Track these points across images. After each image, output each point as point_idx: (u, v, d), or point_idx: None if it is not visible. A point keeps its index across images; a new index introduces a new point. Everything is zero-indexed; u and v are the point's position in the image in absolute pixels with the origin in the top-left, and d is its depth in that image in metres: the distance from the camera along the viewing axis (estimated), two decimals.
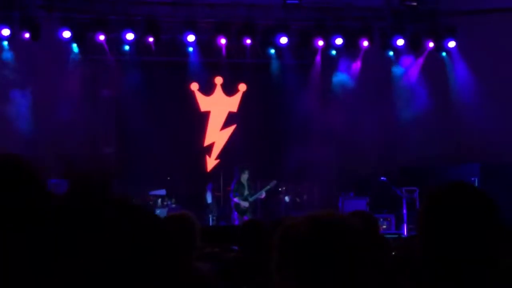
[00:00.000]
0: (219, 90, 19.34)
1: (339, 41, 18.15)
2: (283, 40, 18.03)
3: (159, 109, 18.41)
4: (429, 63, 18.65)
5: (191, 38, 17.73)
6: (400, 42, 18.25)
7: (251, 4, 17.99)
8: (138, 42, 17.79)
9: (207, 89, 19.26)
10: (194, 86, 19.16)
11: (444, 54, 18.67)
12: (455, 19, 18.23)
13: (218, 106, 19.34)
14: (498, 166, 16.71)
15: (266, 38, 18.41)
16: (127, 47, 17.95)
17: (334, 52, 18.69)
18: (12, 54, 17.12)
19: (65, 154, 15.34)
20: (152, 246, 1.27)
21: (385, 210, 17.04)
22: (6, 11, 16.70)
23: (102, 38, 17.45)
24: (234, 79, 19.18)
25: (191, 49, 18.31)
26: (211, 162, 19.22)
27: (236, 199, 16.56)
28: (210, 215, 17.34)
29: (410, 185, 16.82)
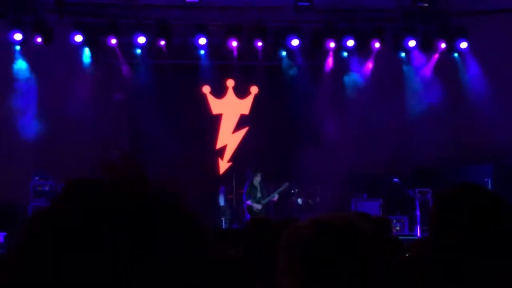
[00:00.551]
0: (231, 93, 19.35)
1: (350, 42, 18.14)
2: (295, 42, 18.04)
3: (171, 112, 18.42)
4: (441, 64, 18.61)
5: (202, 41, 17.75)
6: (411, 43, 18.22)
7: (262, 6, 17.98)
8: (150, 46, 17.83)
9: (219, 91, 19.27)
10: (206, 89, 19.18)
11: (456, 55, 18.62)
12: (467, 19, 18.18)
13: (230, 108, 19.35)
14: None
15: (278, 40, 18.42)
16: (138, 51, 17.99)
17: (345, 53, 18.68)
18: (24, 58, 17.18)
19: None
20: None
21: (398, 212, 17.00)
22: (18, 15, 16.77)
23: (114, 42, 17.51)
24: (245, 81, 19.18)
25: (202, 52, 18.34)
26: (224, 165, 19.23)
27: (248, 202, 16.56)
28: (223, 218, 17.34)
29: (423, 186, 16.79)
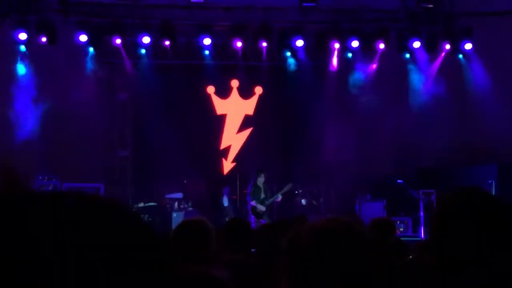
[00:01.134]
0: (235, 93, 19.35)
1: (355, 43, 18.13)
2: (299, 42, 18.04)
3: (176, 112, 18.43)
4: (445, 65, 18.58)
5: (207, 41, 17.75)
6: (416, 44, 18.19)
7: (267, 6, 17.99)
8: (154, 46, 17.83)
9: (223, 92, 19.27)
10: (210, 89, 19.18)
11: (460, 56, 18.60)
12: (472, 20, 18.16)
13: (234, 109, 19.34)
14: None
15: (282, 41, 18.41)
16: (143, 51, 18.00)
17: (350, 54, 18.67)
18: (29, 58, 17.20)
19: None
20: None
21: (402, 213, 16.98)
22: (23, 15, 16.78)
23: (118, 41, 17.52)
24: (250, 82, 19.18)
25: (207, 52, 18.34)
26: (228, 165, 19.23)
27: (252, 202, 16.55)
28: (227, 218, 17.33)
29: (427, 187, 16.75)
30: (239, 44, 18.02)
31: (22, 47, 17.06)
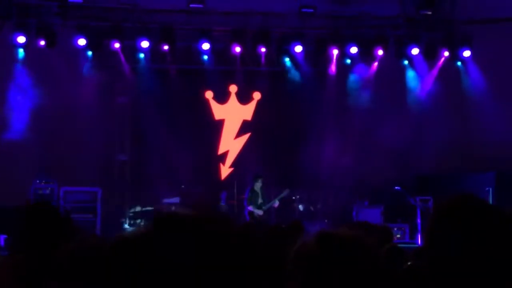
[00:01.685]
0: (234, 98, 19.35)
1: (354, 49, 18.14)
2: (298, 48, 18.05)
3: (174, 116, 18.43)
4: (444, 71, 18.60)
5: (206, 46, 17.76)
6: (415, 51, 18.20)
7: (266, 12, 18.00)
8: (153, 50, 17.83)
9: (222, 97, 19.26)
10: (209, 94, 19.17)
11: (459, 63, 18.61)
12: (471, 28, 18.17)
13: (233, 114, 19.34)
14: None
15: (281, 46, 18.42)
16: (142, 55, 18.01)
17: (348, 60, 18.68)
18: (28, 61, 17.18)
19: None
20: None
21: (399, 220, 16.99)
22: (22, 18, 16.78)
23: (117, 45, 17.51)
24: (248, 87, 19.17)
25: (206, 57, 18.33)
26: (225, 170, 19.22)
27: (250, 208, 16.54)
28: None
29: (424, 194, 16.76)
30: (238, 49, 18.03)
31: (21, 51, 17.06)
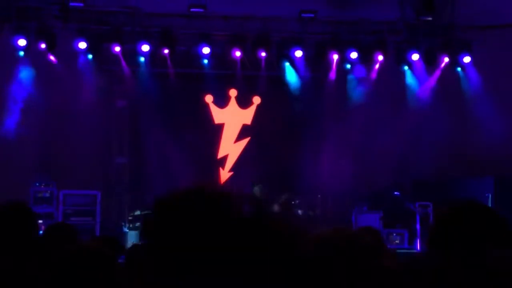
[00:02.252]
0: (234, 103, 19.34)
1: (353, 55, 18.14)
2: (298, 53, 18.05)
3: (173, 120, 18.42)
4: (443, 77, 18.60)
5: (206, 50, 17.76)
6: (415, 56, 18.21)
7: (266, 16, 18.02)
8: (153, 54, 17.83)
9: (222, 101, 19.24)
10: (209, 98, 19.16)
11: (459, 69, 18.62)
12: (471, 34, 18.19)
13: (232, 118, 19.33)
14: None
15: (281, 51, 18.42)
16: (142, 59, 17.99)
17: (348, 65, 18.68)
18: (28, 64, 17.18)
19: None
20: None
21: (398, 225, 16.98)
22: (22, 21, 16.79)
23: (117, 49, 17.51)
24: (248, 91, 19.16)
25: (206, 61, 18.34)
26: (225, 175, 19.21)
27: None
28: None
29: (423, 199, 16.76)
30: (238, 53, 18.04)
31: (21, 53, 17.05)
